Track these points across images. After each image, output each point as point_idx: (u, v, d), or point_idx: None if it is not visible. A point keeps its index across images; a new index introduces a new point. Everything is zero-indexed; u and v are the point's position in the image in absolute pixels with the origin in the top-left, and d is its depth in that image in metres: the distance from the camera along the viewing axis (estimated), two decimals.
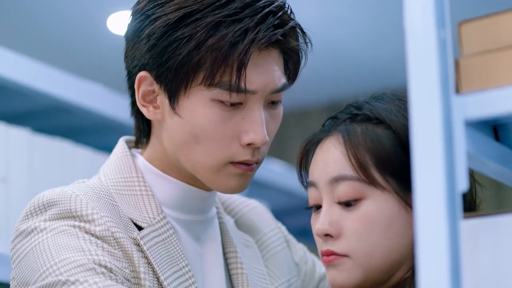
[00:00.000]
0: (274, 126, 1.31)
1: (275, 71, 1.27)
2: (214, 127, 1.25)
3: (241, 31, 1.22)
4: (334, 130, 1.23)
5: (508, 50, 0.94)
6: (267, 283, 1.42)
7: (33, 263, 1.21)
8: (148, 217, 1.29)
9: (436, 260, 0.90)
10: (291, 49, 1.29)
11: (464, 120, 0.93)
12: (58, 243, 1.21)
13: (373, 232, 1.18)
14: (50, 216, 1.24)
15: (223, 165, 1.28)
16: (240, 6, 1.23)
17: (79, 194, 1.26)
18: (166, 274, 1.26)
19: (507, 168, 1.02)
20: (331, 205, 1.21)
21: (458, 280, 0.91)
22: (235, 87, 1.23)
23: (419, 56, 0.93)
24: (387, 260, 1.18)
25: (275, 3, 1.27)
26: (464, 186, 0.92)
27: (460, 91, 0.95)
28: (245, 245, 1.44)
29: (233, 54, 1.22)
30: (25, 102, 2.17)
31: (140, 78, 1.29)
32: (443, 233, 0.90)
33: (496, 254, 0.94)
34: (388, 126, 1.20)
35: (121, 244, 1.24)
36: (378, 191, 1.18)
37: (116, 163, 1.35)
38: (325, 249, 1.20)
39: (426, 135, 0.92)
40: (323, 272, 1.53)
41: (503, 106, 0.92)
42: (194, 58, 1.23)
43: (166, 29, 1.24)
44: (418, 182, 0.91)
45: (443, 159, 0.91)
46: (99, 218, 1.24)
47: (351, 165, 1.19)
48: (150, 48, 1.26)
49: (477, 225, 0.95)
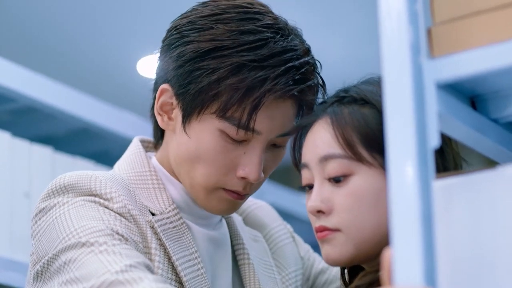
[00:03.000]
0: (273, 166, 1.39)
1: (285, 120, 1.34)
2: (216, 155, 1.33)
3: (261, 79, 1.29)
4: (322, 113, 1.30)
5: (477, 15, 0.98)
6: (274, 274, 1.48)
7: (54, 233, 1.27)
8: (160, 207, 1.36)
9: (408, 219, 0.92)
10: (307, 102, 1.36)
11: (435, 82, 0.97)
12: (77, 214, 1.27)
13: (362, 206, 1.23)
14: (70, 195, 1.31)
15: (216, 188, 1.35)
16: (267, 54, 1.30)
17: (98, 176, 1.33)
18: (178, 256, 1.32)
19: (482, 134, 1.05)
20: (322, 183, 1.26)
21: (430, 238, 0.93)
22: (243, 125, 1.30)
23: (391, 26, 0.97)
24: (378, 233, 1.22)
25: (301, 59, 1.33)
26: (436, 142, 0.95)
27: (432, 55, 1.00)
28: (253, 240, 1.50)
29: (248, 97, 1.29)
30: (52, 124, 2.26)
31: (163, 89, 1.37)
32: (415, 190, 0.93)
33: (471, 213, 0.97)
34: (374, 106, 1.26)
35: (136, 221, 1.30)
36: (365, 167, 1.24)
37: (130, 158, 1.42)
38: (318, 225, 1.25)
39: (397, 97, 0.95)
40: (320, 267, 1.58)
41: (471, 68, 0.96)
42: (213, 90, 1.30)
43: (195, 55, 1.32)
44: (390, 140, 0.95)
45: (414, 117, 0.94)
46: (117, 196, 1.31)
47: (339, 143, 1.24)
48: (177, 68, 1.34)
49: (451, 185, 0.99)
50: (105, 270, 1.17)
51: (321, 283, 1.58)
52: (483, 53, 0.96)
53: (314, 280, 1.58)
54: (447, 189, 0.99)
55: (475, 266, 0.95)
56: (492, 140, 1.08)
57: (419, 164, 0.94)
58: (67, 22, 3.58)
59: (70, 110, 2.21)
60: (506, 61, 0.94)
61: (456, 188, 0.98)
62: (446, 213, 0.98)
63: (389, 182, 0.94)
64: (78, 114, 2.22)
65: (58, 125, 2.28)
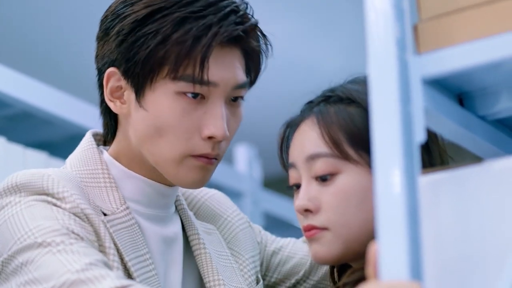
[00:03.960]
0: (235, 124, 1.37)
1: (236, 67, 1.34)
2: (176, 119, 1.31)
3: (205, 26, 1.29)
4: (309, 113, 1.31)
5: (462, 11, 0.99)
6: (231, 263, 1.47)
7: (7, 233, 1.25)
8: (112, 207, 1.34)
9: (394, 213, 0.93)
10: (252, 49, 1.36)
11: (421, 78, 0.98)
12: (31, 214, 1.25)
13: (349, 204, 1.23)
14: (23, 195, 1.29)
15: (184, 157, 1.33)
16: (205, 4, 1.31)
17: (51, 174, 1.31)
18: (130, 257, 1.31)
19: (469, 131, 1.06)
20: (309, 182, 1.27)
21: (416, 232, 0.94)
22: (198, 79, 1.29)
23: (377, 23, 0.98)
24: (365, 231, 1.23)
25: (237, 3, 1.35)
26: (422, 138, 0.96)
27: (419, 52, 1.00)
28: (207, 233, 1.48)
29: (196, 47, 1.29)
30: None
31: (109, 74, 1.35)
32: (400, 185, 0.93)
33: (458, 208, 0.97)
34: (360, 105, 1.27)
35: (90, 220, 1.28)
36: (352, 165, 1.24)
37: (82, 155, 1.40)
38: (306, 224, 1.26)
39: (383, 92, 0.96)
40: (272, 249, 1.58)
41: (457, 63, 0.97)
42: (159, 52, 1.29)
43: (134, 25, 1.32)
44: (376, 135, 0.96)
45: (400, 112, 0.95)
46: (69, 196, 1.29)
47: (325, 142, 1.26)
48: (119, 44, 1.33)
49: (438, 180, 0.99)
50: (65, 269, 1.16)
51: (275, 264, 1.57)
52: (468, 49, 0.96)
53: (268, 263, 1.57)
54: (434, 185, 0.99)
55: (462, 260, 0.96)
56: (479, 137, 1.08)
57: (405, 159, 0.94)
58: (63, 28, 3.59)
59: (66, 116, 2.21)
60: (490, 56, 0.95)
61: (443, 184, 0.99)
62: (433, 208, 0.98)
63: (375, 177, 0.95)
64: (74, 119, 2.22)
65: (54, 131, 2.28)
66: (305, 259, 1.58)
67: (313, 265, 1.57)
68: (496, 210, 0.95)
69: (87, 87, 4.21)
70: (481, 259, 0.94)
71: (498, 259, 0.93)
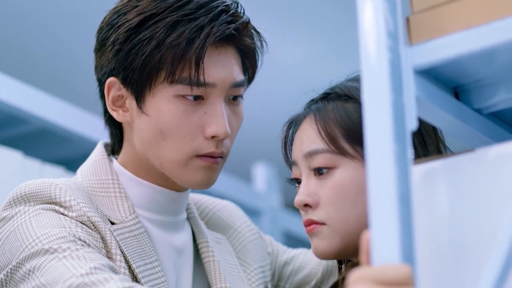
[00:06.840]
0: (236, 122, 1.39)
1: (232, 66, 1.36)
2: (178, 122, 1.33)
3: (197, 28, 1.32)
4: (309, 111, 1.34)
5: (452, 2, 1.01)
6: (239, 272, 1.48)
7: (16, 242, 1.28)
8: (121, 216, 1.36)
9: (386, 199, 0.93)
10: (247, 47, 1.39)
11: (413, 68, 0.99)
12: (39, 222, 1.28)
13: (346, 198, 1.25)
14: (31, 204, 1.32)
15: (189, 158, 1.35)
16: (195, 7, 1.34)
17: (59, 183, 1.34)
18: (137, 264, 1.32)
19: (464, 123, 1.07)
20: (308, 178, 1.30)
21: (409, 219, 0.94)
22: (194, 81, 1.32)
23: (368, 16, 1.00)
24: (363, 225, 1.23)
25: (228, 3, 1.37)
26: (413, 126, 0.97)
27: (411, 43, 1.02)
28: (216, 242, 1.50)
29: (190, 49, 1.31)
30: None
31: (109, 84, 1.38)
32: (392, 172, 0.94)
33: (452, 196, 0.98)
34: (356, 101, 1.29)
35: (97, 227, 1.31)
36: (348, 160, 1.27)
37: (92, 165, 1.43)
38: (305, 219, 1.29)
39: (375, 82, 0.97)
40: (284, 259, 1.59)
41: (446, 52, 0.98)
42: (155, 57, 1.32)
43: (129, 34, 1.35)
44: (368, 123, 0.97)
45: (392, 101, 0.96)
46: (76, 204, 1.31)
47: (322, 138, 1.28)
48: (116, 53, 1.36)
49: (431, 169, 1.00)
50: (70, 274, 1.18)
51: (287, 275, 1.58)
52: (457, 38, 0.98)
53: (280, 273, 1.58)
54: (428, 173, 1.00)
55: (454, 246, 0.96)
56: (474, 129, 1.09)
57: (397, 146, 0.95)
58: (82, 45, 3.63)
59: (84, 133, 2.24)
60: (479, 45, 0.96)
61: (436, 172, 1.00)
62: (427, 196, 0.99)
63: (367, 164, 0.95)
64: (91, 136, 2.25)
65: (72, 148, 2.30)
66: (317, 269, 1.59)
67: (324, 274, 1.58)
68: (487, 197, 0.95)
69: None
70: (474, 244, 0.95)
71: (489, 245, 0.93)
